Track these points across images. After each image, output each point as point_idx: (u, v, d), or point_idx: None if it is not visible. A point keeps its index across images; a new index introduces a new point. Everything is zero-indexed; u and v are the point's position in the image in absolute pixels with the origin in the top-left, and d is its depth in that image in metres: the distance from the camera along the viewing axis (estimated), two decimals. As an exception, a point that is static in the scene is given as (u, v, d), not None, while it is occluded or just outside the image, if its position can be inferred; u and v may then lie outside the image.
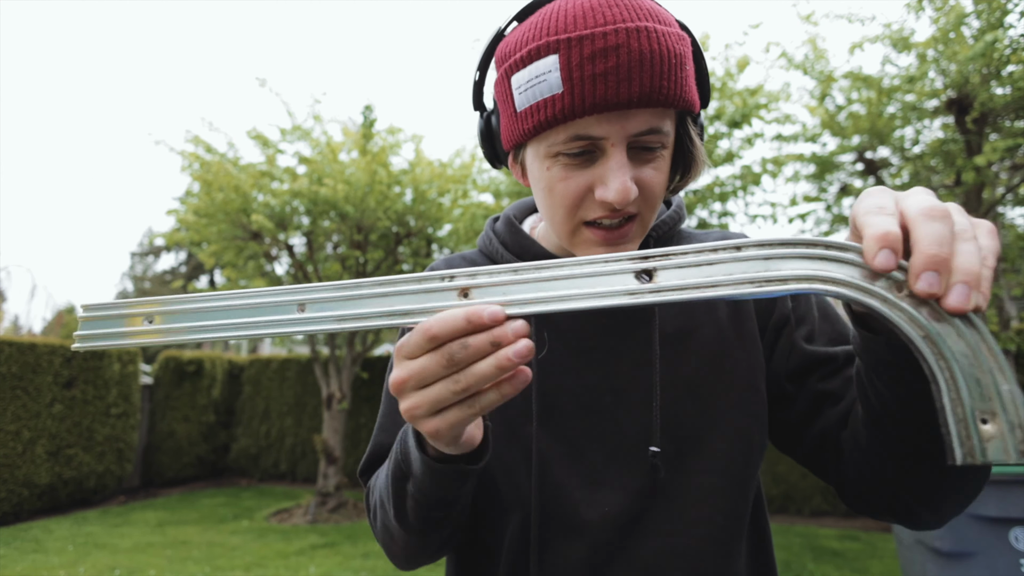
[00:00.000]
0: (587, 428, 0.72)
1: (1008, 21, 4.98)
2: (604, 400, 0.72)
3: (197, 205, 7.16)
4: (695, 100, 0.66)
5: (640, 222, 0.68)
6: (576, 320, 0.76)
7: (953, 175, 5.74)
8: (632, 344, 0.74)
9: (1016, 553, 2.55)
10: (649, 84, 0.59)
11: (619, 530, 0.69)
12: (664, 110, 0.63)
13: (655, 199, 0.66)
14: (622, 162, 0.62)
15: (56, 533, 6.05)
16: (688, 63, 0.64)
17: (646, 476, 0.69)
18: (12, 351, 6.69)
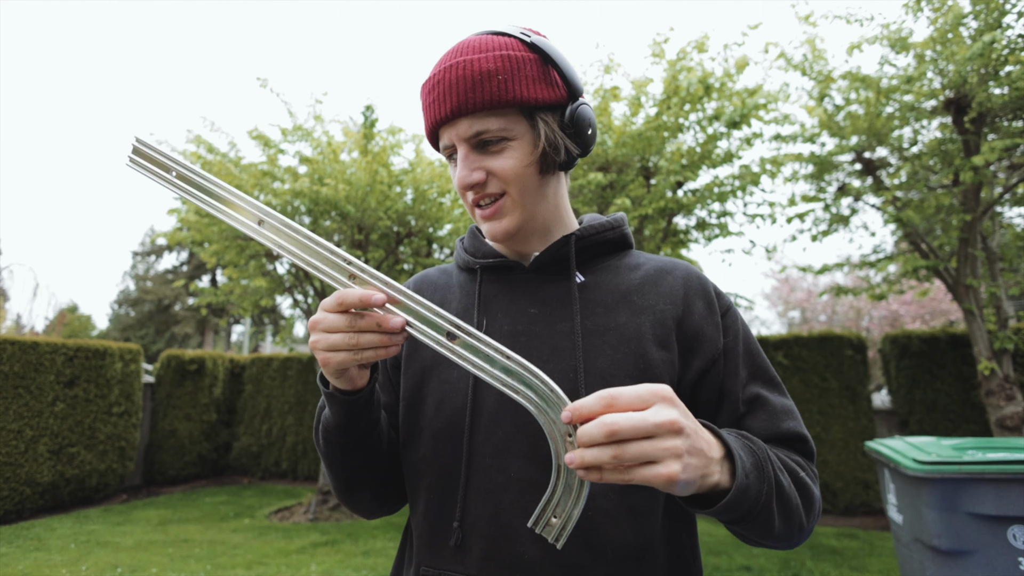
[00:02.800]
0: (502, 402, 0.83)
1: (1006, 22, 4.99)
2: None
3: (197, 205, 7.17)
4: (524, 97, 0.82)
5: (510, 199, 0.86)
6: (509, 308, 0.90)
7: (951, 175, 5.75)
8: (555, 333, 0.86)
9: (1014, 551, 2.56)
10: (458, 100, 0.81)
11: (521, 493, 0.79)
12: (487, 115, 0.82)
13: (513, 179, 0.84)
14: (463, 156, 0.84)
15: (58, 531, 6.08)
16: (503, 74, 0.81)
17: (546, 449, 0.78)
18: (14, 350, 6.71)
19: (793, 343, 7.52)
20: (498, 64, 0.81)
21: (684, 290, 0.90)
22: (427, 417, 0.88)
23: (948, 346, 7.01)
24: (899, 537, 3.20)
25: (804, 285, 18.89)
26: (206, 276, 30.99)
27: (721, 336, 0.88)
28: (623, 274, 0.93)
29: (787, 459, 0.81)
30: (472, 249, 0.99)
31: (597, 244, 0.94)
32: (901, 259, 6.32)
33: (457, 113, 0.81)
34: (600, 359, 0.83)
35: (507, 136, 0.83)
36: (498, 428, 0.83)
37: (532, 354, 0.84)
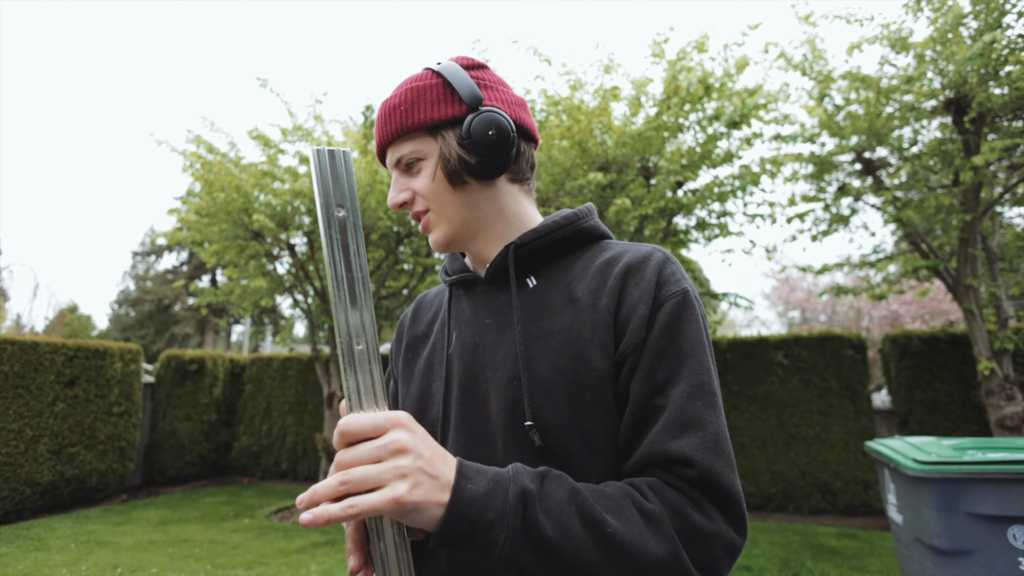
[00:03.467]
0: (464, 410, 0.88)
1: (1006, 22, 4.99)
2: (479, 388, 0.88)
3: (199, 205, 7.18)
4: (424, 121, 0.89)
5: (432, 214, 0.93)
6: (471, 321, 0.94)
7: (951, 175, 5.75)
8: (504, 341, 0.89)
9: (1014, 551, 2.55)
10: (380, 136, 0.93)
11: None
12: (400, 142, 0.92)
13: (427, 194, 0.91)
14: (393, 180, 0.95)
15: (58, 531, 6.08)
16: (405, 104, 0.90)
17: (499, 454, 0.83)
18: (14, 350, 6.72)
19: (793, 343, 7.52)
20: (402, 97, 0.91)
21: (624, 280, 0.85)
22: None
23: (948, 346, 7.02)
24: (899, 537, 3.20)
25: (804, 285, 18.89)
26: (206, 276, 30.99)
27: (644, 330, 0.80)
28: (575, 273, 0.91)
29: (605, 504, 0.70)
30: (447, 266, 1.05)
31: (541, 249, 0.92)
32: (901, 259, 6.32)
33: (384, 144, 0.93)
34: (543, 365, 0.83)
35: (419, 157, 0.91)
36: (460, 436, 0.87)
37: (486, 364, 0.88)
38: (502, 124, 0.87)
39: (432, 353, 0.98)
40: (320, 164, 0.63)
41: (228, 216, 6.90)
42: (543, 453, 0.80)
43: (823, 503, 6.99)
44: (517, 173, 0.95)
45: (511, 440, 0.82)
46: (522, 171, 0.96)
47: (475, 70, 0.94)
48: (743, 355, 7.66)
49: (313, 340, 8.00)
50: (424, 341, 1.02)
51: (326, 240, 0.63)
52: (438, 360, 0.96)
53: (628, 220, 6.11)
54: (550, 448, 0.80)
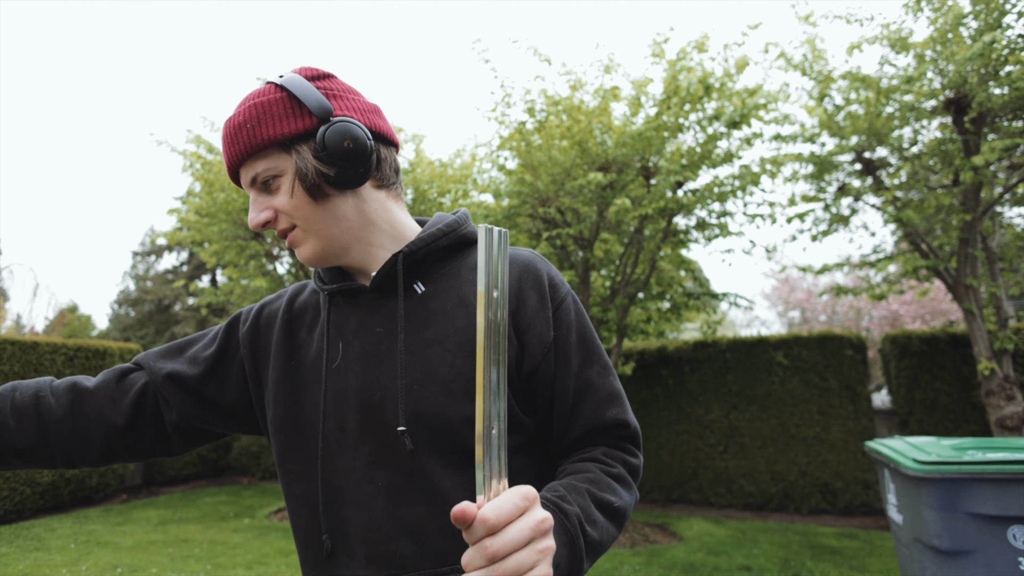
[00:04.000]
0: (362, 420, 0.88)
1: (1006, 22, 4.99)
2: (376, 396, 0.88)
3: (199, 204, 7.18)
4: (274, 137, 0.87)
5: (299, 230, 0.91)
6: (359, 330, 0.93)
7: (951, 175, 5.75)
8: (395, 348, 0.90)
9: (1014, 551, 2.56)
10: (229, 157, 0.90)
11: (390, 499, 0.85)
12: (252, 160, 0.89)
13: (291, 211, 0.89)
14: (252, 200, 0.92)
15: (58, 531, 6.08)
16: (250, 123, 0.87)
17: (407, 456, 0.85)
18: (14, 350, 6.72)
19: (793, 343, 7.52)
20: (247, 115, 0.88)
21: (519, 284, 0.93)
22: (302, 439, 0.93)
23: (948, 346, 7.02)
24: (899, 537, 3.20)
25: (804, 285, 18.88)
26: (206, 276, 30.95)
27: (551, 330, 0.92)
28: (463, 275, 0.95)
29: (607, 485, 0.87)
30: (324, 275, 1.01)
31: (428, 255, 0.95)
32: (901, 259, 6.32)
33: (234, 165, 0.90)
34: (442, 367, 0.87)
35: (275, 174, 0.89)
36: (363, 445, 0.87)
37: (384, 371, 0.88)
38: (357, 133, 0.87)
39: (315, 364, 0.94)
40: (488, 242, 0.63)
41: (228, 216, 6.90)
42: (446, 449, 0.85)
43: (823, 503, 6.99)
44: (381, 179, 0.96)
45: (419, 440, 0.85)
46: (386, 176, 0.96)
47: (321, 80, 0.92)
48: (743, 355, 7.66)
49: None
50: (304, 350, 0.98)
51: (484, 321, 0.63)
52: (315, 371, 0.94)
53: (628, 220, 6.11)
54: (452, 442, 0.85)
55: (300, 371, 0.95)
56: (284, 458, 0.94)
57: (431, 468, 0.84)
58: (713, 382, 7.73)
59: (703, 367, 7.83)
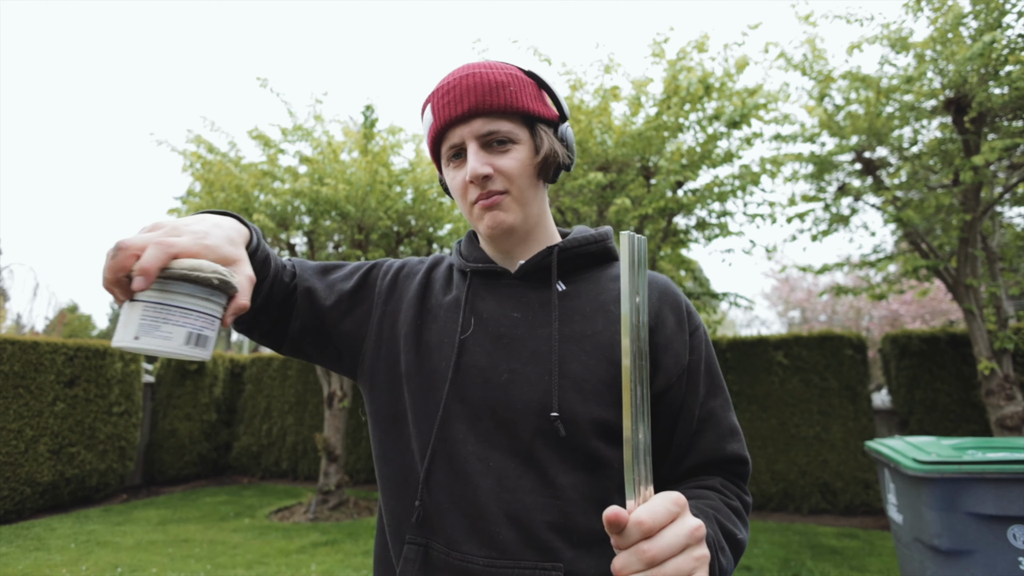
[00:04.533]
0: (484, 398, 0.89)
1: (1006, 21, 4.99)
2: (502, 378, 0.89)
3: (199, 204, 7.18)
4: (530, 108, 0.94)
5: (510, 197, 0.94)
6: (495, 312, 0.96)
7: (951, 175, 5.75)
8: (535, 337, 0.92)
9: (1014, 551, 2.56)
10: (475, 101, 0.91)
11: (498, 482, 0.85)
12: (499, 117, 0.92)
13: (516, 178, 0.93)
14: (474, 151, 0.91)
15: (58, 531, 6.08)
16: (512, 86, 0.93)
17: (525, 443, 0.86)
18: (14, 349, 6.71)
19: (793, 343, 7.52)
20: (508, 78, 0.93)
21: (659, 303, 0.97)
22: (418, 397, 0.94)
23: (948, 346, 7.02)
24: (899, 537, 3.20)
25: (804, 285, 18.89)
26: (206, 276, 30.94)
27: (687, 354, 0.95)
28: (603, 284, 0.99)
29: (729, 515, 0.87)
30: (466, 254, 1.05)
31: (579, 256, 1.00)
32: (901, 259, 6.32)
33: (474, 113, 0.91)
34: (575, 364, 0.89)
35: (513, 139, 0.93)
36: (480, 421, 0.88)
37: (513, 356, 0.91)
38: (574, 142, 1.02)
39: (443, 331, 0.96)
40: (631, 248, 0.65)
41: (228, 216, 6.89)
42: (565, 444, 0.86)
43: (823, 503, 6.99)
44: None
45: (539, 429, 0.86)
46: None
47: None
48: (743, 355, 7.66)
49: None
50: (433, 316, 1.00)
51: (630, 327, 0.65)
52: (448, 340, 0.95)
53: (628, 220, 6.11)
54: (574, 440, 0.86)
55: (427, 335, 0.97)
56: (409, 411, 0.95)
57: (548, 461, 0.85)
58: (713, 382, 7.71)
59: (703, 367, 7.81)
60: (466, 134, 0.93)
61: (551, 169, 0.97)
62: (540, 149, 0.95)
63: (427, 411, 0.91)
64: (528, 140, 0.95)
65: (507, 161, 0.92)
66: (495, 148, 0.93)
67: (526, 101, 0.94)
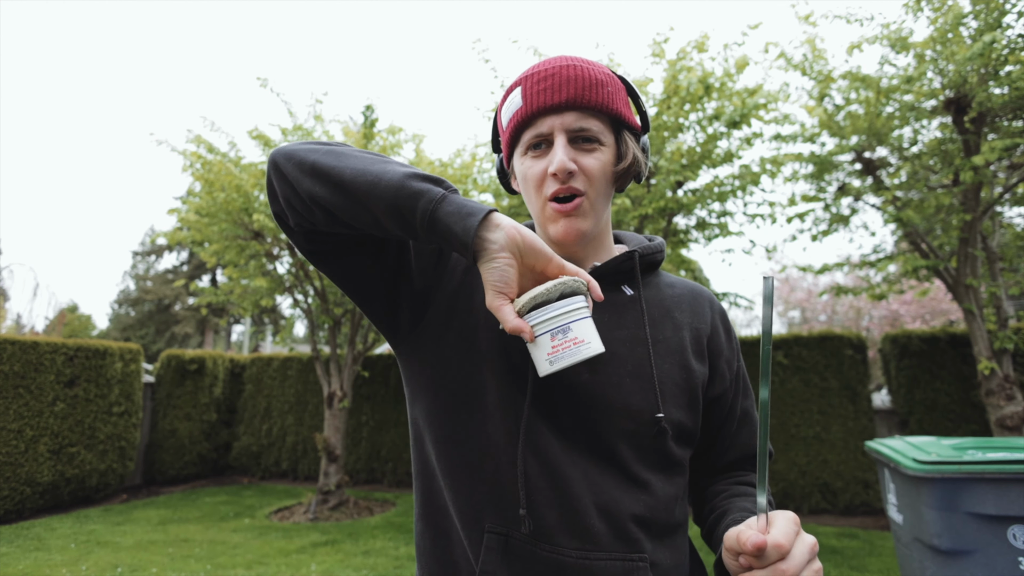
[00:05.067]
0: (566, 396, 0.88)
1: (1006, 21, 4.99)
2: (582, 378, 0.89)
3: (199, 204, 7.18)
4: (622, 113, 0.93)
5: (587, 200, 0.91)
6: None
7: (951, 175, 5.75)
8: (612, 339, 0.91)
9: (1014, 551, 2.56)
10: (573, 93, 0.88)
11: (585, 477, 0.85)
12: (592, 115, 0.90)
13: (596, 180, 0.91)
14: (562, 144, 0.89)
15: (58, 531, 6.08)
16: (610, 87, 0.91)
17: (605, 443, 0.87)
18: (14, 350, 6.72)
19: (793, 343, 7.52)
20: (606, 78, 0.92)
21: (711, 312, 1.04)
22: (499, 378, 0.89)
23: (948, 346, 7.02)
24: (899, 537, 3.20)
25: (804, 285, 18.89)
26: (206, 276, 31.00)
27: (736, 360, 1.04)
28: (663, 291, 1.02)
29: None
30: None
31: (648, 264, 1.03)
32: (901, 259, 6.32)
33: (571, 104, 0.89)
34: (649, 367, 0.92)
35: (600, 140, 0.92)
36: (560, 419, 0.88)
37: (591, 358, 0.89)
38: None
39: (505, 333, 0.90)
40: (766, 291, 0.68)
41: (228, 216, 6.90)
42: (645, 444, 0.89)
43: (823, 503, 6.99)
44: None
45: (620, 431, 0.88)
46: None
47: None
48: (743, 355, 7.62)
49: (313, 340, 7.99)
50: None
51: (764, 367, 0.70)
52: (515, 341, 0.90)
53: (628, 220, 6.11)
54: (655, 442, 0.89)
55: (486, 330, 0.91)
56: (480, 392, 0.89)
57: (628, 460, 0.88)
58: (713, 382, 7.71)
59: (703, 367, 7.81)
60: (556, 125, 0.90)
61: (628, 178, 0.98)
62: (624, 156, 0.94)
63: (513, 399, 0.87)
64: (613, 145, 0.94)
65: (591, 161, 0.91)
66: (581, 145, 0.91)
67: (619, 103, 0.93)
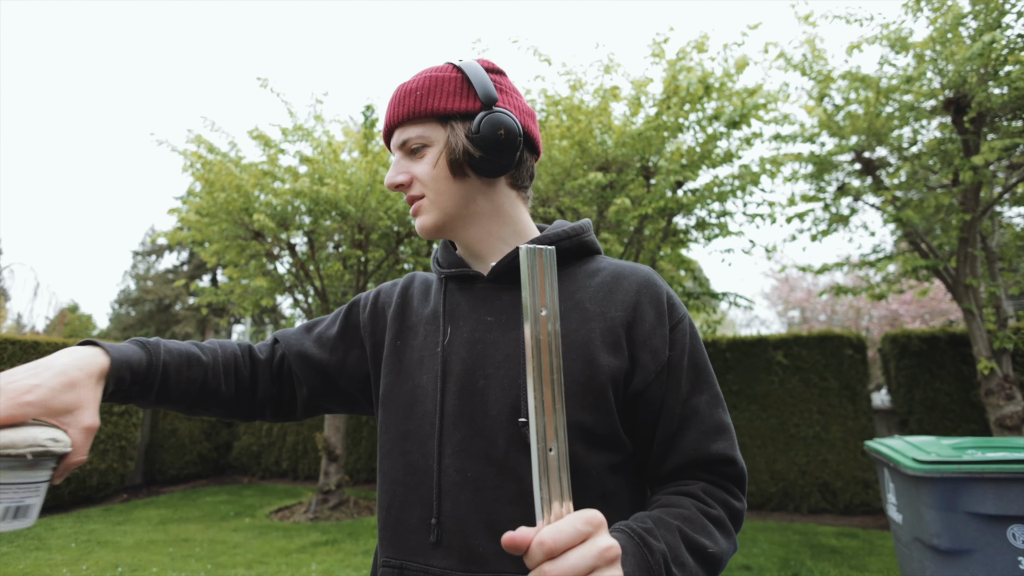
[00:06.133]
0: (462, 405, 0.88)
1: (1005, 21, 5.00)
2: (478, 384, 0.88)
3: (199, 204, 7.18)
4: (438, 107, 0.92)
5: (427, 200, 0.94)
6: (470, 316, 0.94)
7: (951, 175, 5.76)
8: (508, 340, 0.90)
9: (1014, 550, 2.55)
10: (392, 114, 0.95)
11: (476, 492, 0.83)
12: (410, 124, 0.94)
13: (426, 180, 0.93)
14: (394, 162, 0.97)
15: (59, 530, 6.08)
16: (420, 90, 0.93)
17: (500, 450, 0.84)
18: (15, 349, 6.72)
19: (793, 342, 7.52)
20: (419, 84, 0.94)
21: (637, 297, 0.92)
22: (397, 417, 0.94)
23: (948, 345, 7.02)
24: (899, 536, 3.21)
25: (804, 285, 18.88)
26: (206, 276, 30.97)
27: (667, 348, 0.90)
28: (579, 281, 0.95)
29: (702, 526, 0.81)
30: (442, 260, 1.04)
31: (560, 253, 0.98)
32: (901, 259, 6.32)
33: (394, 124, 0.95)
34: None
35: (425, 143, 0.93)
36: (457, 431, 0.87)
37: (487, 360, 0.89)
38: (511, 126, 0.91)
39: (424, 346, 0.96)
40: (530, 262, 0.64)
41: (228, 216, 6.90)
42: None
43: (823, 502, 7.00)
44: (517, 179, 0.99)
45: (512, 436, 0.84)
46: (521, 178, 1.00)
47: (494, 74, 0.98)
48: (743, 355, 7.67)
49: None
50: (414, 332, 0.99)
51: (531, 342, 0.63)
52: (430, 353, 0.94)
53: (628, 220, 6.12)
54: None
55: (407, 351, 0.97)
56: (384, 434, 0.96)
57: (525, 469, 0.82)
58: (713, 382, 7.71)
59: (703, 367, 7.81)
60: (392, 144, 0.97)
61: (464, 165, 0.92)
62: (454, 146, 0.92)
63: (407, 429, 0.91)
64: (443, 140, 0.93)
65: (418, 166, 0.94)
66: (414, 155, 0.95)
67: (432, 101, 0.92)
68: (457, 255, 1.03)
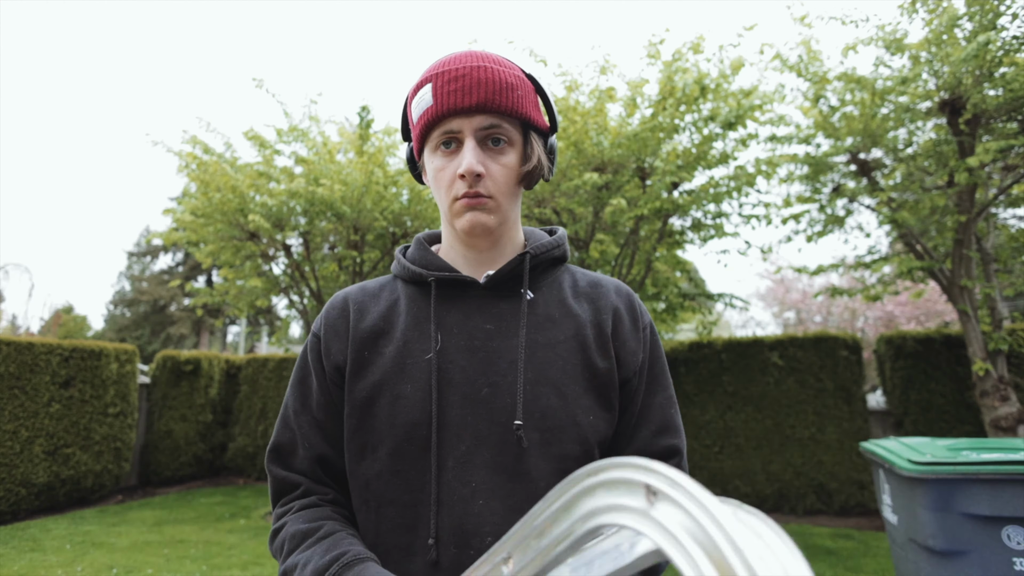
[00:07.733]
0: (466, 415, 0.87)
1: (1000, 23, 5.01)
2: (482, 392, 0.88)
3: (194, 205, 7.16)
4: (530, 116, 0.94)
5: (493, 203, 0.92)
6: (465, 325, 0.93)
7: (946, 176, 5.77)
8: (511, 347, 0.91)
9: (1009, 552, 2.56)
10: (484, 97, 0.88)
11: (486, 502, 0.84)
12: (500, 117, 0.90)
13: (502, 183, 0.92)
14: (471, 147, 0.89)
15: (54, 532, 6.06)
16: (520, 90, 0.92)
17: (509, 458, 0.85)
18: (10, 350, 6.69)
19: (788, 344, 7.53)
20: (516, 81, 0.93)
21: (615, 303, 1.00)
22: (380, 433, 0.89)
23: (943, 347, 7.04)
24: (894, 538, 3.21)
25: (799, 286, 18.91)
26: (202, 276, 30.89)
27: (641, 351, 0.98)
28: (565, 288, 1.01)
29: None
30: (423, 261, 1.00)
31: (545, 262, 1.01)
32: (896, 260, 6.34)
33: (481, 108, 0.89)
34: (552, 370, 0.91)
35: (509, 142, 0.93)
36: (460, 442, 0.86)
37: (491, 368, 0.89)
38: None
39: (402, 354, 0.91)
40: None
41: (224, 217, 6.88)
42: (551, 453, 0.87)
43: (818, 504, 7.00)
44: None
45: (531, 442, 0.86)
46: None
47: None
48: (738, 356, 7.68)
49: (309, 341, 7.98)
50: (386, 340, 0.94)
51: None
52: (414, 362, 0.90)
53: (624, 221, 6.12)
54: (561, 447, 0.87)
55: (378, 360, 0.92)
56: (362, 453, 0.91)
57: (539, 472, 0.85)
58: (708, 383, 7.73)
59: (698, 368, 7.83)
60: (466, 127, 0.90)
61: (534, 178, 0.98)
62: (529, 159, 0.95)
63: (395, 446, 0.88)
64: (520, 146, 0.94)
65: (498, 165, 0.92)
66: (489, 148, 0.91)
67: (527, 107, 0.93)
68: (439, 257, 1.00)
